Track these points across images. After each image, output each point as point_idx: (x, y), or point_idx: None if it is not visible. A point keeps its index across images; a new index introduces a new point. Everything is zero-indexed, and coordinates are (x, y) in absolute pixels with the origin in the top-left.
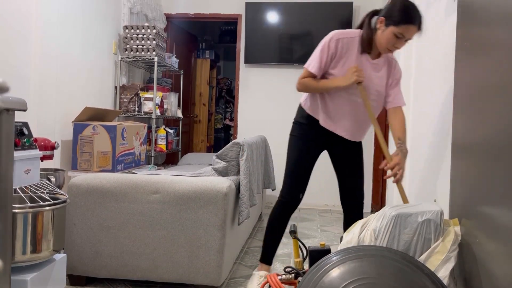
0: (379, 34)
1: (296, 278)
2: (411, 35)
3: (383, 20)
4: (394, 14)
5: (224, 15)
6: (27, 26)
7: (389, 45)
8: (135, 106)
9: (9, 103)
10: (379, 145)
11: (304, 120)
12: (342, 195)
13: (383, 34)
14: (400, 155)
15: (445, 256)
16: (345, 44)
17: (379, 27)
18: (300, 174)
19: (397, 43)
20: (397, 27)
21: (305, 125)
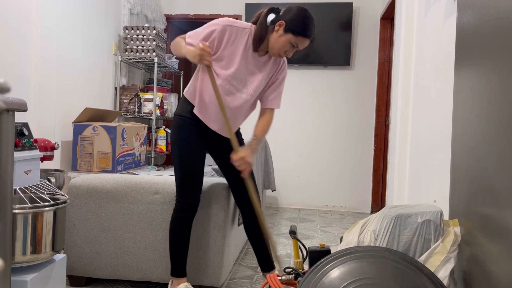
0: (275, 37)
1: (296, 278)
2: (303, 46)
3: (283, 24)
4: (295, 23)
5: (224, 16)
6: (28, 27)
7: (281, 50)
8: (135, 107)
9: (10, 103)
10: (378, 146)
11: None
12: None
13: (279, 39)
14: (248, 150)
15: (445, 256)
16: (233, 33)
17: (277, 29)
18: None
19: (289, 51)
20: (295, 37)
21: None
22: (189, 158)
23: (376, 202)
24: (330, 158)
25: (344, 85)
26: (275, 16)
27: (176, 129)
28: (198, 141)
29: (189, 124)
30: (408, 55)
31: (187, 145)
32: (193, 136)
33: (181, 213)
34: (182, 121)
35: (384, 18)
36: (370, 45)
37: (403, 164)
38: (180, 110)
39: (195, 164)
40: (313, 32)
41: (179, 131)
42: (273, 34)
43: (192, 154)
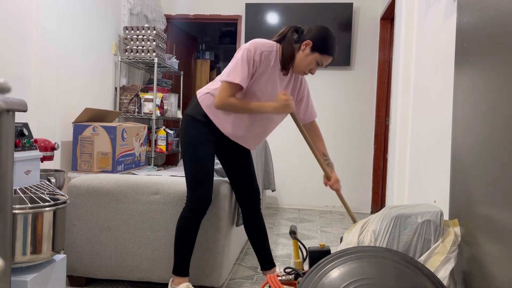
0: (301, 56)
1: (296, 278)
2: (327, 64)
3: (310, 44)
4: (323, 42)
5: (224, 16)
6: (27, 27)
7: (307, 69)
8: (135, 107)
9: (10, 103)
10: (378, 146)
11: (199, 117)
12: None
13: (306, 58)
14: (333, 171)
15: (445, 256)
16: (265, 56)
17: (304, 49)
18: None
19: (314, 69)
20: (321, 56)
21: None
22: (202, 158)
23: (376, 202)
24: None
25: (344, 85)
26: (301, 35)
27: (189, 129)
28: (209, 143)
29: (201, 125)
30: (408, 55)
31: (200, 145)
32: (205, 137)
33: (191, 213)
34: (194, 122)
35: (384, 18)
36: (370, 45)
37: (403, 164)
38: (194, 112)
39: (207, 165)
40: (336, 50)
41: (192, 131)
42: (299, 53)
43: (204, 154)
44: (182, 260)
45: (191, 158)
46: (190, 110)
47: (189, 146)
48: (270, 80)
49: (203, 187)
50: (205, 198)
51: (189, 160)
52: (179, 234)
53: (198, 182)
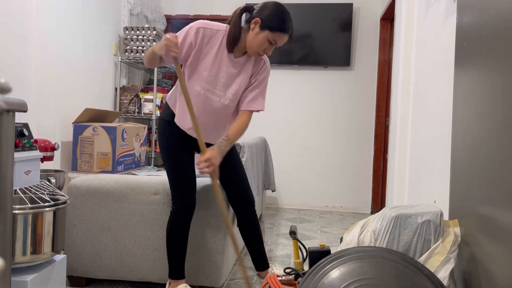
0: (251, 36)
1: (296, 279)
2: (282, 43)
3: (258, 21)
4: (272, 19)
5: (224, 16)
6: (28, 28)
7: (260, 49)
8: (135, 107)
9: (10, 104)
10: (378, 146)
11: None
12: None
13: (256, 37)
14: (215, 150)
15: (445, 257)
16: (207, 35)
17: (253, 28)
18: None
19: (268, 49)
20: (272, 33)
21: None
22: (179, 161)
23: (376, 203)
24: (330, 159)
25: (344, 85)
26: (250, 14)
27: (162, 134)
28: (185, 144)
29: (174, 127)
30: (408, 55)
31: (175, 149)
32: (180, 139)
33: (178, 216)
34: (167, 124)
35: (384, 18)
36: (370, 45)
37: (403, 165)
38: (163, 114)
39: (185, 167)
40: (291, 27)
41: (165, 135)
42: (249, 33)
43: (181, 157)
44: (176, 263)
45: (168, 162)
46: (162, 113)
47: (165, 149)
48: (217, 61)
49: (184, 190)
50: (187, 201)
51: (167, 164)
52: (170, 238)
53: (178, 186)
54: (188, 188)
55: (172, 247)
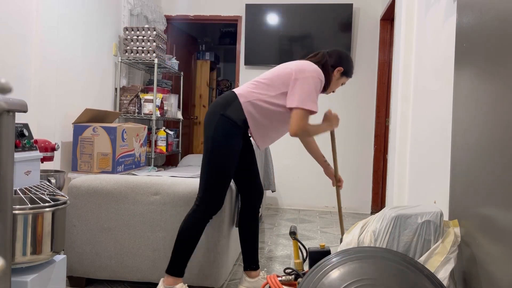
0: (334, 80)
1: (296, 279)
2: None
3: (341, 70)
4: (349, 69)
5: (224, 16)
6: (28, 28)
7: (334, 90)
8: (135, 107)
9: (10, 104)
10: (378, 147)
11: (240, 123)
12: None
13: (337, 82)
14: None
15: (445, 257)
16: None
17: (335, 74)
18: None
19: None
20: (347, 79)
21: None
22: (232, 169)
23: (376, 203)
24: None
25: (344, 86)
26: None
27: (227, 135)
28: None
29: (240, 133)
30: (408, 56)
31: (234, 154)
32: (240, 146)
33: (203, 215)
34: (235, 128)
35: (384, 19)
36: (370, 46)
37: (403, 165)
38: (235, 115)
39: (232, 174)
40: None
41: (230, 138)
42: (331, 77)
43: (233, 164)
44: (181, 261)
45: (220, 165)
46: (231, 112)
47: (224, 152)
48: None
49: (220, 196)
50: (218, 205)
51: (217, 166)
52: (185, 234)
53: (218, 190)
54: (224, 194)
55: (184, 243)
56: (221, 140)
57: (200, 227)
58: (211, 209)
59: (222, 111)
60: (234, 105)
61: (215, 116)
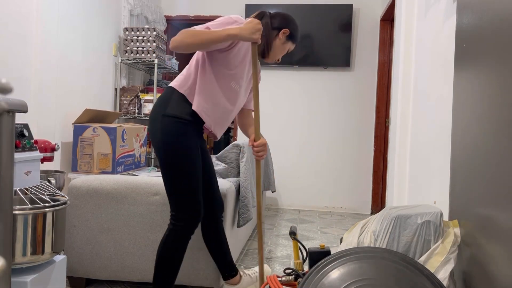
0: (278, 44)
1: (296, 279)
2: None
3: (287, 32)
4: (296, 33)
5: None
6: (28, 28)
7: (279, 56)
8: (135, 108)
9: (10, 104)
10: (378, 147)
11: (189, 117)
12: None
13: (282, 46)
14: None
15: (445, 257)
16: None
17: (280, 37)
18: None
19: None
20: (293, 44)
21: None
22: (197, 167)
23: (376, 203)
24: (330, 159)
25: (344, 86)
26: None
27: (178, 135)
28: (198, 146)
29: (191, 129)
30: (408, 56)
31: (193, 154)
32: (196, 142)
33: (181, 233)
34: (184, 125)
35: (384, 19)
36: (370, 46)
37: (403, 165)
38: (178, 111)
39: (199, 173)
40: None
41: (182, 137)
42: (276, 41)
43: (198, 162)
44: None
45: (182, 168)
46: (173, 109)
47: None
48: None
49: (196, 202)
50: (197, 212)
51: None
52: (167, 260)
53: (190, 196)
54: (199, 200)
55: (167, 270)
56: (173, 141)
57: (181, 247)
58: (190, 222)
59: (163, 111)
60: (174, 100)
61: (157, 118)
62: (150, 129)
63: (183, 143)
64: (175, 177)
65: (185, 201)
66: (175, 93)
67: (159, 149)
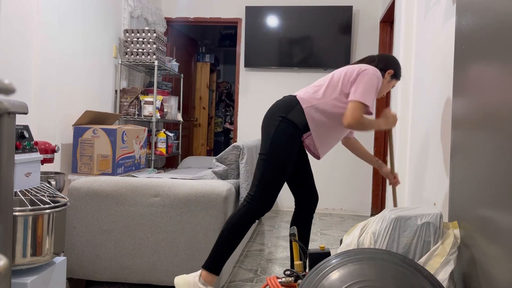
0: (384, 83)
1: (296, 281)
2: None
3: (392, 73)
4: (399, 71)
5: (224, 19)
6: (28, 30)
7: (384, 93)
8: (135, 109)
9: (11, 106)
10: (378, 149)
11: (301, 126)
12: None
13: (388, 84)
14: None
15: (445, 259)
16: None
17: (386, 77)
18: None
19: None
20: (396, 81)
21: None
22: (287, 167)
23: (376, 205)
24: (329, 161)
25: None
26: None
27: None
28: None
29: (299, 137)
30: (408, 58)
31: (291, 156)
32: (297, 148)
33: (253, 213)
34: (296, 131)
35: (384, 21)
36: (370, 48)
37: (402, 167)
38: (296, 119)
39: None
40: None
41: (290, 139)
42: (382, 81)
43: (291, 164)
44: (221, 258)
45: (280, 165)
46: (293, 116)
47: (283, 151)
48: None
49: (275, 194)
50: (270, 204)
51: (277, 166)
52: (231, 231)
53: (273, 189)
54: (276, 195)
55: (228, 241)
56: (281, 141)
57: (246, 225)
58: (261, 207)
59: (284, 114)
60: (296, 109)
61: (275, 119)
62: (266, 124)
63: (288, 146)
64: (267, 167)
65: (267, 188)
66: (299, 105)
67: (266, 141)
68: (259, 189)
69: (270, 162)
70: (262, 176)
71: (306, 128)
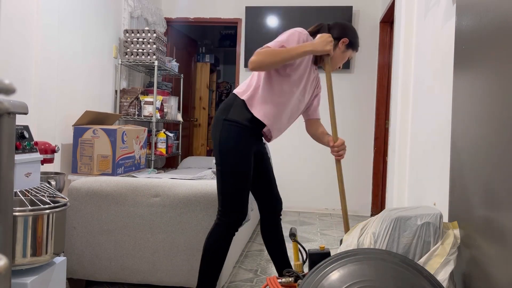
0: (338, 53)
1: (296, 281)
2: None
3: (346, 41)
4: (355, 40)
5: (224, 19)
6: (28, 30)
7: (340, 64)
8: (135, 109)
9: (11, 106)
10: (378, 149)
11: (246, 122)
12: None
13: (342, 54)
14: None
15: (445, 259)
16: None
17: (340, 47)
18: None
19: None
20: (353, 52)
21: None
22: (247, 169)
23: (376, 205)
24: (330, 161)
25: (344, 88)
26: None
27: (234, 138)
28: (252, 151)
29: (249, 134)
30: (408, 58)
31: (246, 156)
32: (251, 146)
33: (227, 228)
34: (241, 130)
35: (384, 21)
36: (369, 48)
37: (402, 167)
38: (238, 117)
39: (250, 175)
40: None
41: (238, 140)
42: (335, 51)
43: (249, 165)
44: (213, 279)
45: (234, 170)
46: (234, 115)
47: (234, 156)
48: (305, 71)
49: (242, 201)
50: (242, 213)
51: (231, 172)
52: (210, 252)
53: (237, 196)
54: (246, 199)
55: (212, 261)
56: (229, 144)
57: (226, 240)
58: (234, 219)
59: (224, 116)
60: (236, 105)
61: (218, 122)
62: (212, 131)
63: (238, 147)
64: (225, 177)
65: (231, 200)
66: (237, 99)
67: (216, 150)
68: (225, 203)
69: (225, 172)
70: (223, 189)
71: (253, 122)
